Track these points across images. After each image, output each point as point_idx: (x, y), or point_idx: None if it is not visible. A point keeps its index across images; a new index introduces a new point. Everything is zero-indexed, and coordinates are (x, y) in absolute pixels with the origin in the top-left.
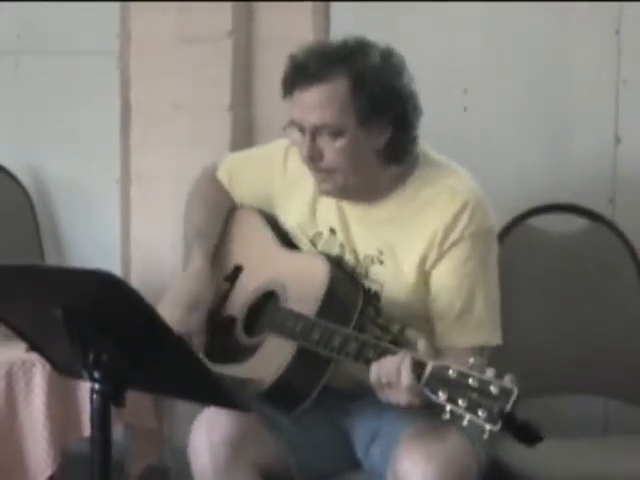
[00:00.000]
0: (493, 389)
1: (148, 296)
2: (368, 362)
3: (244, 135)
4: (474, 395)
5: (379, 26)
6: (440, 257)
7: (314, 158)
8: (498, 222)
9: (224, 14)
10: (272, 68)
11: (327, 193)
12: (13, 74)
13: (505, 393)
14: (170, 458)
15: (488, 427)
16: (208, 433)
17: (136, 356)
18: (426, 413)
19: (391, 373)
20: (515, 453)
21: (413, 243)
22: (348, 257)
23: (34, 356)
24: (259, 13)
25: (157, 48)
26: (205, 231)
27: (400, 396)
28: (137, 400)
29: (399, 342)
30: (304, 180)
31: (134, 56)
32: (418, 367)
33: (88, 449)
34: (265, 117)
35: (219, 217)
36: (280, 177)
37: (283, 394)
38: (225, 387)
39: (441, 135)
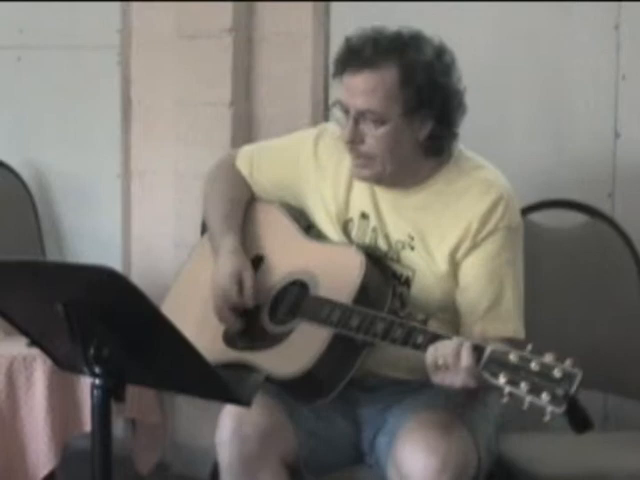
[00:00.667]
0: (556, 373)
1: (148, 291)
2: (417, 347)
3: (244, 131)
4: (536, 379)
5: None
6: (473, 247)
7: (355, 142)
8: None
9: (225, 11)
10: (272, 65)
11: (363, 178)
12: (15, 69)
13: (569, 376)
14: (171, 453)
15: (550, 409)
16: (237, 424)
17: (136, 351)
18: (431, 406)
19: (449, 355)
20: (518, 449)
21: (446, 232)
22: (381, 242)
23: (35, 351)
24: (259, 10)
25: (158, 44)
26: (230, 217)
27: (456, 378)
28: (141, 395)
29: None
30: (337, 167)
31: (135, 52)
32: (476, 351)
33: (89, 444)
34: (265, 113)
35: (241, 206)
36: (312, 166)
37: (312, 384)
38: (226, 381)
39: None
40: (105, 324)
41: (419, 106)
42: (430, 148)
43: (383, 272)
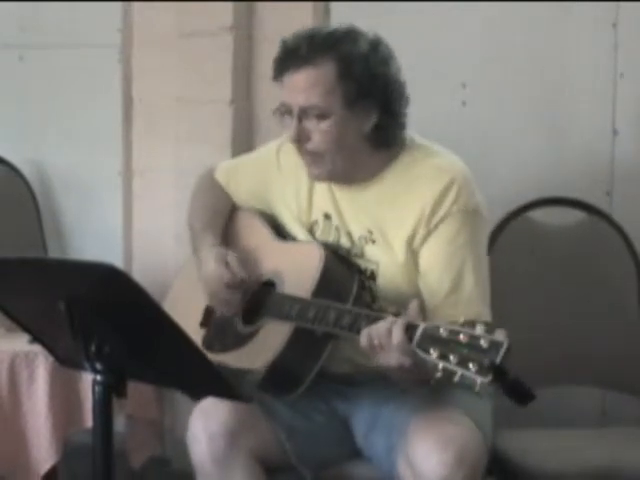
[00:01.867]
0: (483, 343)
1: (150, 288)
2: (359, 333)
3: (245, 129)
4: (465, 350)
5: (379, 25)
6: (428, 234)
7: (301, 140)
8: (496, 216)
9: (225, 10)
10: (272, 62)
11: (316, 177)
12: (16, 67)
13: (495, 346)
14: (171, 448)
15: (479, 380)
16: (206, 423)
17: (138, 348)
18: (429, 401)
19: (382, 334)
20: (514, 444)
21: (402, 221)
22: (344, 240)
23: (37, 348)
24: (260, 9)
25: (159, 43)
26: (211, 224)
27: (391, 357)
28: (140, 391)
29: None
30: (298, 174)
31: (136, 50)
32: (410, 329)
33: (90, 439)
34: (265, 111)
35: (222, 215)
36: (275, 175)
37: (280, 377)
38: (226, 378)
39: (440, 129)
40: (106, 321)
41: (359, 97)
42: (377, 139)
43: (347, 266)
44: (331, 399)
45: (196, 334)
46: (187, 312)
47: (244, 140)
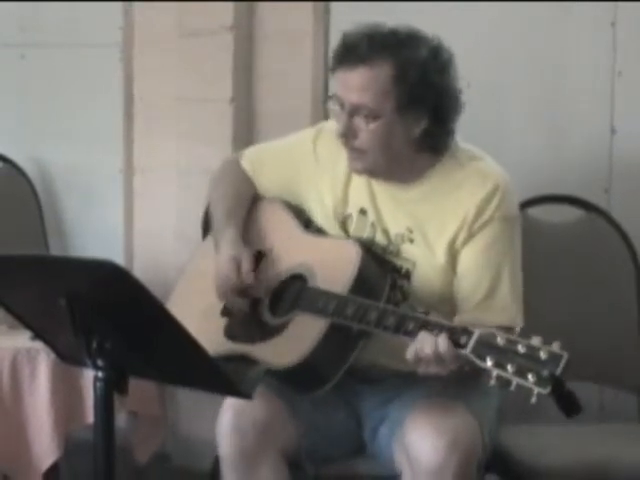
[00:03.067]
0: (542, 354)
1: (150, 285)
2: (408, 334)
3: (245, 127)
4: (522, 361)
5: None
6: (470, 237)
7: (348, 136)
8: None
9: (226, 9)
10: (272, 62)
11: (357, 171)
12: (18, 67)
13: (555, 358)
14: (172, 445)
15: (537, 390)
16: (235, 418)
17: (139, 344)
18: (433, 393)
19: (427, 346)
20: (515, 440)
21: (445, 223)
22: (379, 237)
23: (39, 344)
24: (260, 8)
25: (160, 42)
26: (233, 214)
27: (440, 367)
28: (141, 387)
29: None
30: (335, 164)
31: (137, 49)
32: (465, 334)
33: (91, 436)
34: (266, 109)
35: (245, 203)
36: (310, 163)
37: (308, 374)
38: (227, 375)
39: None
40: (108, 318)
41: (412, 103)
42: (423, 144)
43: (381, 264)
44: (348, 396)
45: (217, 322)
46: (207, 297)
47: (244, 138)
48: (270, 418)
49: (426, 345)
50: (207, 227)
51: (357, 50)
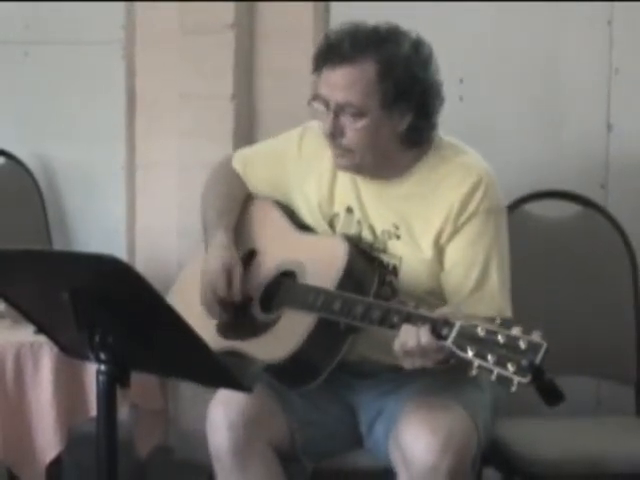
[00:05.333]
0: (522, 344)
1: (152, 279)
2: (393, 327)
3: (246, 124)
4: (503, 351)
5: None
6: (455, 231)
7: (335, 135)
8: None
9: (227, 7)
10: (273, 59)
11: (343, 168)
12: (22, 64)
13: (534, 347)
14: (175, 438)
15: (517, 380)
16: (226, 411)
17: (141, 338)
18: (429, 390)
19: (410, 339)
20: (512, 433)
21: (430, 219)
22: (366, 234)
23: (42, 338)
24: (260, 7)
25: (162, 40)
26: (225, 214)
27: (425, 359)
28: (143, 380)
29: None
30: (320, 163)
31: (139, 47)
32: (446, 326)
33: (94, 429)
34: (266, 106)
35: (237, 203)
36: (295, 162)
37: (299, 368)
38: (228, 368)
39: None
40: (110, 312)
41: (397, 99)
42: (409, 139)
43: (368, 260)
44: (341, 391)
45: (208, 321)
46: (197, 299)
47: (245, 135)
48: (261, 412)
49: (409, 338)
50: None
51: (340, 49)
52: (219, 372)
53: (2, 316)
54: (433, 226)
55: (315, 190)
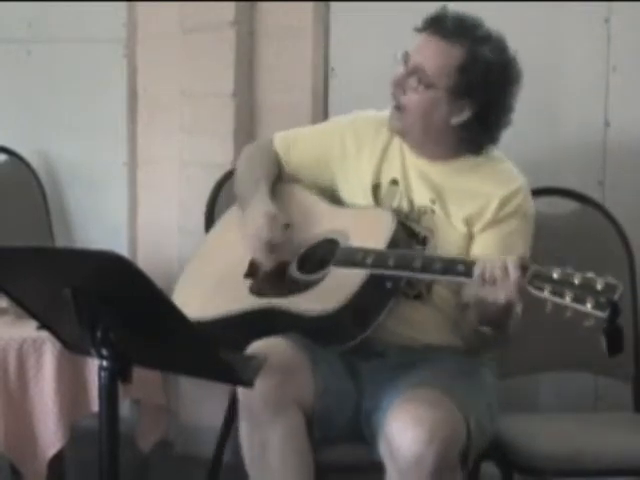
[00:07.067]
0: (599, 285)
1: (154, 275)
2: (459, 274)
3: (247, 121)
4: (579, 290)
5: (377, 24)
6: (491, 224)
7: (398, 87)
8: None
9: (227, 5)
10: (273, 57)
11: (394, 129)
12: (24, 62)
13: (611, 287)
14: (176, 433)
15: (595, 314)
16: (266, 354)
17: (142, 334)
18: (421, 383)
19: (497, 267)
20: (512, 429)
21: (464, 202)
22: (404, 204)
23: (44, 334)
24: (261, 4)
25: (163, 37)
26: (261, 180)
27: (501, 293)
28: (145, 376)
29: (424, 298)
30: (374, 139)
31: (141, 45)
32: (522, 268)
33: (96, 424)
34: (267, 103)
35: (272, 175)
36: (348, 136)
37: (343, 324)
38: (229, 363)
39: None
40: (112, 308)
41: (464, 93)
42: (460, 137)
43: (409, 234)
44: (355, 372)
45: (240, 283)
46: (227, 262)
47: (246, 131)
48: (293, 369)
49: (496, 264)
50: (211, 218)
51: (445, 24)
52: (220, 367)
53: (5, 312)
54: (465, 210)
55: (367, 162)
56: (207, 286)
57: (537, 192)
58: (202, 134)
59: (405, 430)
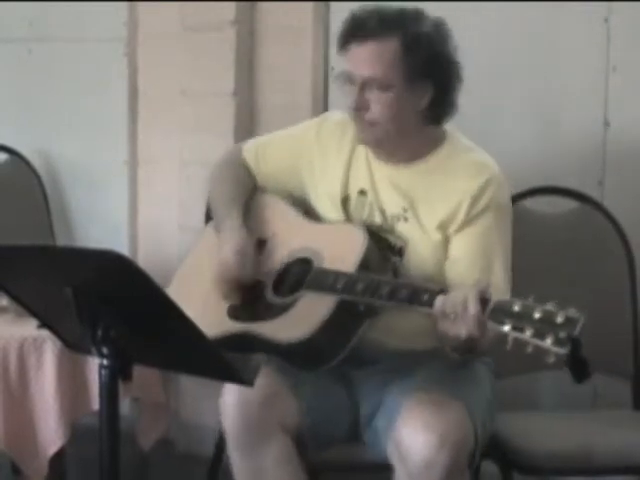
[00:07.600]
0: (559, 318)
1: (154, 274)
2: (423, 304)
3: (247, 120)
4: (540, 325)
5: None
6: (465, 224)
7: (360, 109)
8: None
9: (228, 4)
10: (273, 56)
11: (366, 142)
12: (26, 61)
13: (571, 321)
14: (176, 431)
15: (555, 351)
16: (241, 390)
17: (143, 333)
18: (426, 385)
19: (457, 304)
20: (511, 427)
21: (436, 205)
22: (376, 215)
23: (45, 333)
24: (261, 4)
25: (163, 37)
26: (235, 199)
27: (462, 328)
28: (145, 374)
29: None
30: (338, 147)
31: (141, 44)
32: (482, 301)
33: (97, 422)
34: (267, 102)
35: (246, 189)
36: (314, 147)
37: (316, 349)
38: (229, 362)
39: None
40: (112, 306)
41: (420, 74)
42: (430, 116)
43: (380, 247)
44: (347, 382)
45: (219, 305)
46: (209, 281)
47: (246, 131)
48: (273, 391)
49: (457, 299)
50: (211, 217)
51: (367, 26)
52: (220, 366)
53: (6, 311)
54: (438, 213)
55: (333, 173)
56: (192, 307)
57: (537, 191)
58: (202, 133)
59: (416, 434)
